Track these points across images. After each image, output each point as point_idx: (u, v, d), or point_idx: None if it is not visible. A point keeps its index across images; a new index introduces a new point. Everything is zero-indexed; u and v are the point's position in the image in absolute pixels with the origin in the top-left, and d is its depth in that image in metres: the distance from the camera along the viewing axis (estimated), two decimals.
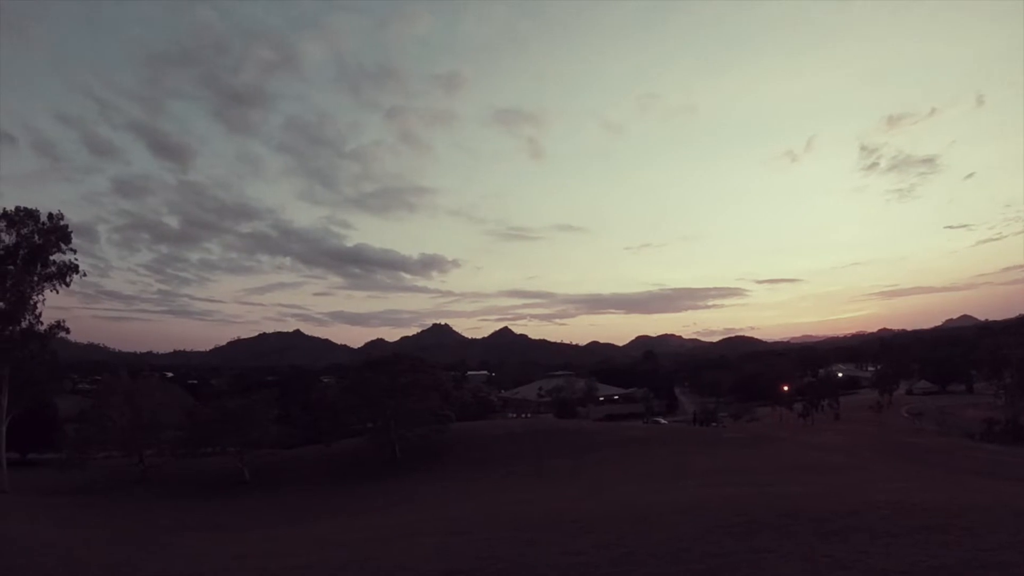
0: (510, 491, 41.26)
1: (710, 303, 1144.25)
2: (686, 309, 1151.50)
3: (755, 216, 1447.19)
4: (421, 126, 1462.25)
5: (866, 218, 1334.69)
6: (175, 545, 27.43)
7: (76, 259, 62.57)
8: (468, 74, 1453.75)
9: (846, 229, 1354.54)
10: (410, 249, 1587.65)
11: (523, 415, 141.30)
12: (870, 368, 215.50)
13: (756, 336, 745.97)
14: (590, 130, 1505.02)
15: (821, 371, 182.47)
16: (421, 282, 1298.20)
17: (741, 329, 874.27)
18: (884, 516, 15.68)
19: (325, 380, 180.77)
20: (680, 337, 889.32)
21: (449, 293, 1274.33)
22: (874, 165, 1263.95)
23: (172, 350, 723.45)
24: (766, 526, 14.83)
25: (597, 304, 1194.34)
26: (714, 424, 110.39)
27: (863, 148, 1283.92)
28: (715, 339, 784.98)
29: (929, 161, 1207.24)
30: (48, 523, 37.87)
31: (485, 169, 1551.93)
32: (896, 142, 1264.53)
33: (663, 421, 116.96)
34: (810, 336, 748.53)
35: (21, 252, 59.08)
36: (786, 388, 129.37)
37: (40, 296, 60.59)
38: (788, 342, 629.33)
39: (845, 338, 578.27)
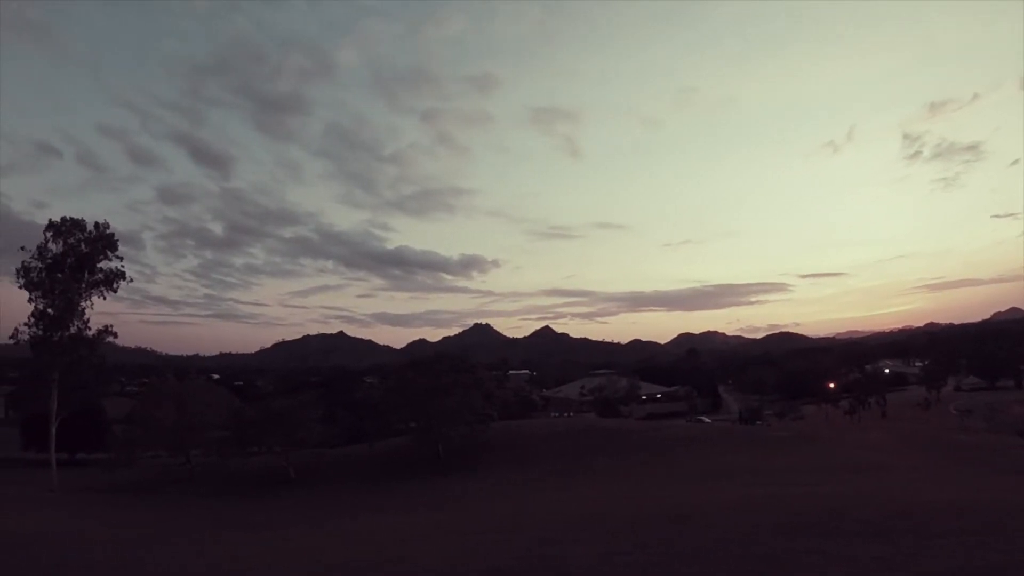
0: (552, 490, 41.24)
1: (753, 299, 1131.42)
2: (729, 306, 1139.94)
3: (797, 209, 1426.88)
4: (457, 128, 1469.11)
5: (910, 209, 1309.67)
6: (221, 542, 27.81)
7: (123, 266, 64.01)
8: (502, 74, 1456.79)
9: (890, 221, 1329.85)
10: (450, 250, 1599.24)
11: (565, 414, 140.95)
12: (917, 364, 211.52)
13: (800, 332, 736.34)
14: (628, 126, 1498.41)
15: (867, 367, 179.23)
16: (462, 282, 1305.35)
17: (785, 325, 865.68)
18: (932, 516, 15.44)
19: (368, 380, 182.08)
20: (723, 334, 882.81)
21: (489, 293, 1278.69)
22: (917, 154, 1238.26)
23: (218, 352, 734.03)
24: (811, 526, 14.68)
25: (638, 302, 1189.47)
26: (759, 422, 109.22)
27: (905, 136, 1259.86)
28: (759, 336, 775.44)
29: (973, 148, 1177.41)
30: (95, 521, 38.60)
31: (522, 168, 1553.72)
32: (939, 129, 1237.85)
33: (707, 420, 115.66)
34: (855, 331, 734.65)
35: (68, 260, 60.59)
36: (832, 385, 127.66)
37: (88, 302, 62.09)
38: (833, 338, 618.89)
39: (891, 333, 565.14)
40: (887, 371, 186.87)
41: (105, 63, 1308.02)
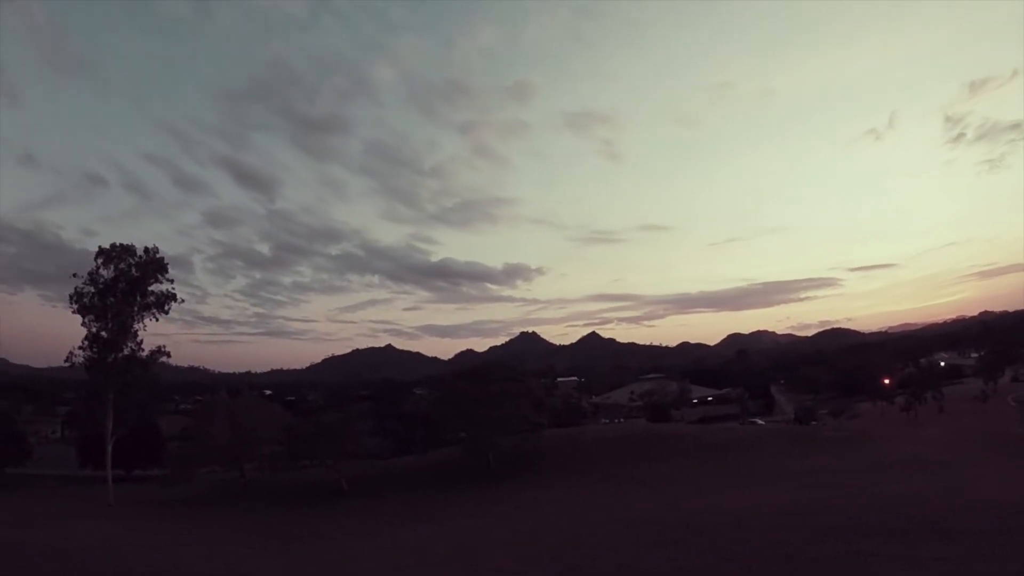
0: (604, 497, 40.93)
1: (803, 296, 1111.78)
2: (778, 303, 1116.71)
3: (842, 201, 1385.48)
4: (495, 138, 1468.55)
5: (957, 194, 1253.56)
6: (276, 554, 28.04)
7: (173, 288, 65.80)
8: (536, 82, 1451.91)
9: (937, 207, 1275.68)
10: (494, 260, 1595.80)
11: (615, 420, 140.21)
12: (973, 355, 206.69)
13: (852, 327, 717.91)
14: (665, 125, 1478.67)
15: (922, 361, 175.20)
16: (507, 292, 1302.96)
17: (836, 321, 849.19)
18: (994, 515, 15.01)
19: (417, 392, 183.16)
20: (773, 333, 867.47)
21: (535, 301, 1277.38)
22: (960, 136, 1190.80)
23: (269, 369, 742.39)
24: (870, 528, 14.36)
25: (685, 303, 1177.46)
26: (813, 423, 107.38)
27: (947, 119, 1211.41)
28: (810, 333, 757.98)
29: (1017, 126, 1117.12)
30: (151, 534, 39.19)
31: (562, 175, 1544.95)
32: (981, 109, 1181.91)
33: (760, 422, 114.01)
34: (908, 324, 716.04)
35: (120, 285, 62.29)
36: (886, 381, 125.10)
37: (141, 324, 63.80)
38: (886, 332, 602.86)
39: (945, 324, 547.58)
40: (942, 364, 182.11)
41: (147, 93, 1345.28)
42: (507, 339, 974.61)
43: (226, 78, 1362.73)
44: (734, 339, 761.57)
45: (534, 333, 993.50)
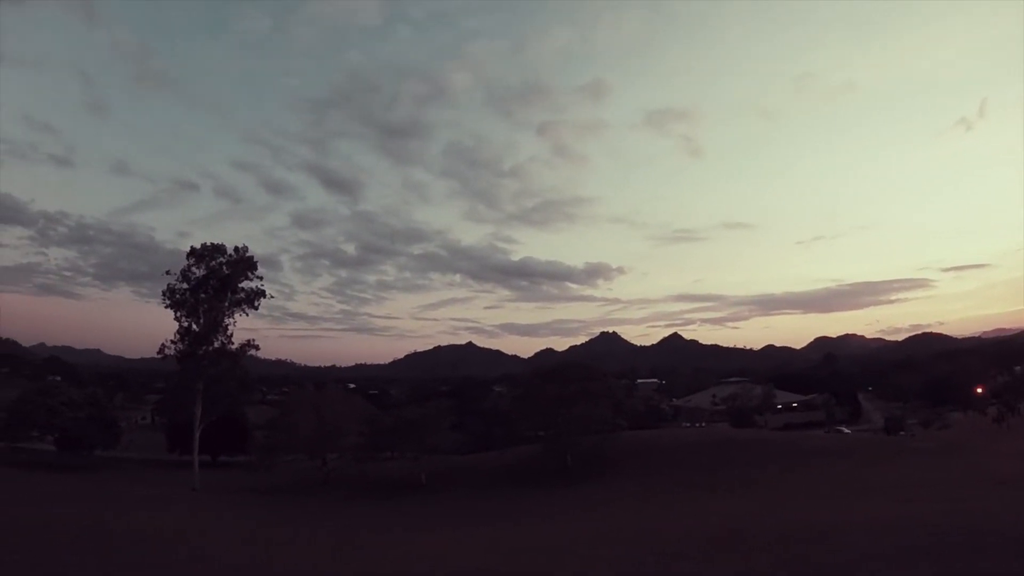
0: (683, 503, 40.31)
1: (893, 298, 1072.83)
2: (867, 305, 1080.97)
3: (933, 196, 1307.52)
4: (573, 137, 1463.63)
5: None
6: (353, 544, 28.32)
7: (262, 285, 67.97)
8: (612, 80, 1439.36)
9: None
10: (574, 259, 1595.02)
11: (697, 424, 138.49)
12: None
13: (945, 332, 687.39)
14: (746, 120, 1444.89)
15: (1017, 368, 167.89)
16: (587, 291, 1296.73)
17: (928, 325, 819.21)
18: None
19: (497, 389, 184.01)
20: (862, 337, 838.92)
21: (616, 301, 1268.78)
22: None
23: (354, 364, 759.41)
24: (959, 546, 13.65)
25: (770, 304, 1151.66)
26: (902, 432, 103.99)
27: None
28: (900, 337, 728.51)
29: None
30: (236, 519, 40.11)
31: (642, 173, 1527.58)
32: None
33: (846, 430, 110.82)
34: (1003, 329, 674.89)
35: (211, 282, 64.53)
36: (979, 390, 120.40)
37: (231, 319, 66.24)
38: (979, 337, 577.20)
39: None
40: None
41: (233, 105, 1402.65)
42: (587, 339, 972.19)
43: (308, 88, 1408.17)
44: (821, 343, 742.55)
45: (614, 333, 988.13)
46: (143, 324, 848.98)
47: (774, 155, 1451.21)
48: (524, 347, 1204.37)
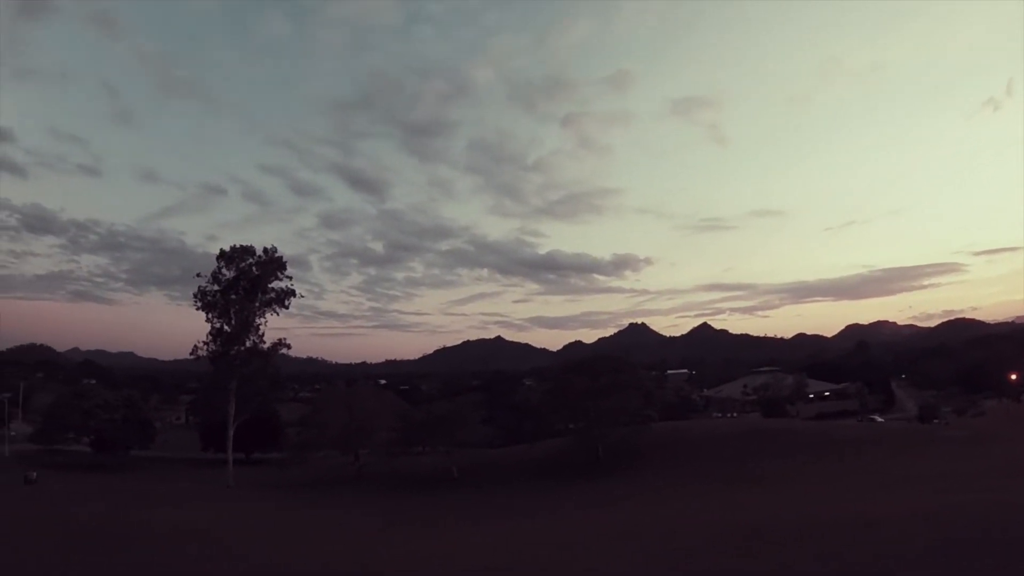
0: (717, 496, 40.08)
1: (925, 283, 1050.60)
2: (899, 291, 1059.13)
3: (963, 178, 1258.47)
4: (597, 129, 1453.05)
5: None
6: (387, 538, 28.49)
7: (292, 285, 68.74)
8: (636, 69, 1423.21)
9: None
10: (602, 251, 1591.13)
11: (728, 415, 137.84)
12: None
13: (978, 317, 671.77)
14: (773, 106, 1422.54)
15: None
16: (615, 282, 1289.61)
17: (961, 310, 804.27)
18: None
19: (527, 383, 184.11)
20: (895, 323, 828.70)
21: (644, 292, 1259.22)
22: None
23: (384, 360, 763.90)
24: (999, 540, 13.42)
25: (801, 292, 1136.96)
26: (936, 421, 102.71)
27: None
28: (933, 323, 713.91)
29: None
30: (270, 515, 40.47)
31: (668, 162, 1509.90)
32: None
33: (879, 419, 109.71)
34: None
35: (242, 283, 65.36)
36: (1014, 377, 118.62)
37: (262, 319, 67.09)
38: (1013, 322, 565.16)
39: None
40: None
41: (257, 110, 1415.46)
42: (616, 330, 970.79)
43: (331, 90, 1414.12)
44: (853, 330, 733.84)
45: (643, 324, 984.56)
46: (175, 326, 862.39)
47: (801, 140, 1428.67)
48: (553, 340, 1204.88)
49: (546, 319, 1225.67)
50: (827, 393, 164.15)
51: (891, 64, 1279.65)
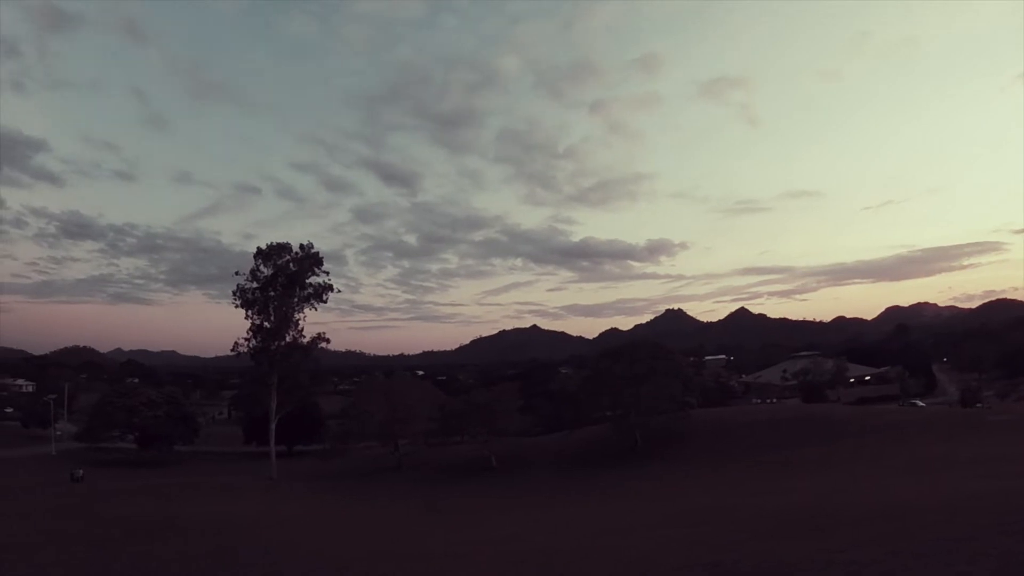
0: (755, 482, 39.93)
1: (965, 263, 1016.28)
2: (939, 272, 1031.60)
3: (1002, 154, 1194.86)
4: (627, 114, 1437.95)
5: None
6: (428, 524, 28.79)
7: (329, 280, 69.43)
8: (664, 53, 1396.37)
9: None
10: (635, 237, 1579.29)
11: (767, 401, 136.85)
12: None
13: (1020, 298, 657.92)
14: (804, 84, 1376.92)
15: None
16: (650, 268, 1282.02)
17: (1003, 291, 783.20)
18: None
19: (564, 371, 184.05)
20: (935, 305, 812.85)
21: (680, 277, 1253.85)
22: None
23: (421, 351, 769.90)
24: None
25: (840, 274, 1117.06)
26: (978, 405, 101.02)
27: None
28: (974, 304, 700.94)
29: None
30: (312, 505, 41.01)
31: (700, 145, 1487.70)
32: None
33: (920, 403, 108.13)
34: None
35: (279, 280, 66.24)
36: None
37: (301, 314, 67.97)
38: None
39: None
40: None
41: (288, 109, 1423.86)
42: (652, 317, 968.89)
43: (359, 86, 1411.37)
44: (893, 312, 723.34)
45: (680, 310, 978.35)
46: (215, 324, 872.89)
47: (835, 119, 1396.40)
48: (589, 328, 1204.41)
49: (581, 307, 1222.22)
50: (868, 377, 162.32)
51: (923, 37, 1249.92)
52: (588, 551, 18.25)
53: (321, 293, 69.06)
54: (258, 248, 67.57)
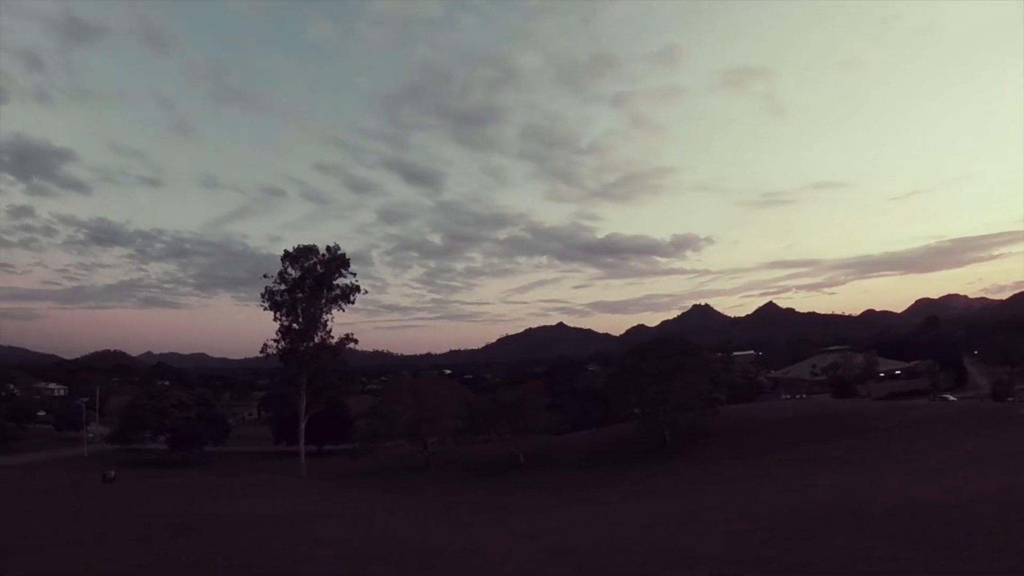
0: (785, 478, 39.79)
1: (995, 253, 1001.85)
2: (969, 263, 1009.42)
3: None
4: (649, 107, 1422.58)
5: None
6: (456, 523, 28.94)
7: (356, 280, 70.33)
8: (684, 44, 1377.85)
9: None
10: (661, 232, 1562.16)
11: (797, 396, 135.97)
12: None
13: None
14: (828, 72, 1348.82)
15: None
16: (676, 263, 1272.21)
17: None
18: None
19: (591, 368, 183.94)
20: (965, 297, 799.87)
21: (706, 272, 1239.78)
22: None
23: (448, 350, 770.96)
24: None
25: (868, 267, 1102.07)
26: (1010, 399, 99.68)
27: None
28: (1005, 296, 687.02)
29: None
30: (342, 504, 41.31)
31: (723, 137, 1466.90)
32: None
33: (951, 398, 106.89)
34: None
35: (307, 281, 67.09)
36: None
37: (329, 315, 68.83)
38: None
39: None
40: None
41: (310, 111, 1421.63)
42: (679, 312, 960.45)
43: (380, 86, 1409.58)
44: (923, 305, 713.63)
45: (707, 305, 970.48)
46: (244, 326, 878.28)
47: (860, 107, 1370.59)
48: (615, 324, 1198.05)
49: (607, 304, 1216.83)
50: (898, 372, 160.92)
51: (948, 21, 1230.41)
52: (627, 546, 18.35)
53: (348, 294, 69.85)
54: (285, 251, 68.53)
